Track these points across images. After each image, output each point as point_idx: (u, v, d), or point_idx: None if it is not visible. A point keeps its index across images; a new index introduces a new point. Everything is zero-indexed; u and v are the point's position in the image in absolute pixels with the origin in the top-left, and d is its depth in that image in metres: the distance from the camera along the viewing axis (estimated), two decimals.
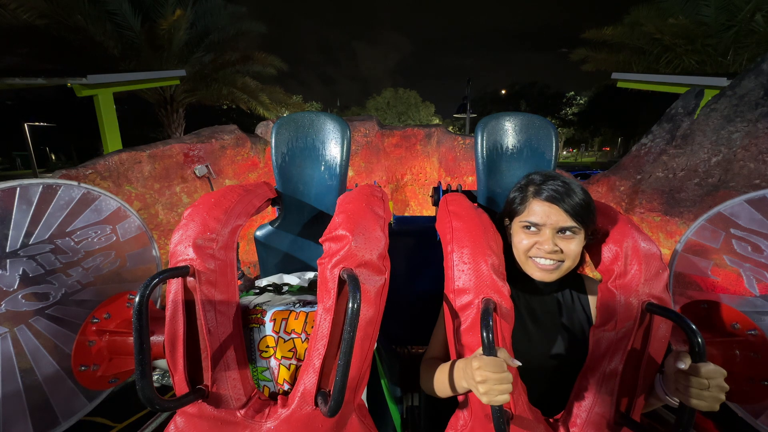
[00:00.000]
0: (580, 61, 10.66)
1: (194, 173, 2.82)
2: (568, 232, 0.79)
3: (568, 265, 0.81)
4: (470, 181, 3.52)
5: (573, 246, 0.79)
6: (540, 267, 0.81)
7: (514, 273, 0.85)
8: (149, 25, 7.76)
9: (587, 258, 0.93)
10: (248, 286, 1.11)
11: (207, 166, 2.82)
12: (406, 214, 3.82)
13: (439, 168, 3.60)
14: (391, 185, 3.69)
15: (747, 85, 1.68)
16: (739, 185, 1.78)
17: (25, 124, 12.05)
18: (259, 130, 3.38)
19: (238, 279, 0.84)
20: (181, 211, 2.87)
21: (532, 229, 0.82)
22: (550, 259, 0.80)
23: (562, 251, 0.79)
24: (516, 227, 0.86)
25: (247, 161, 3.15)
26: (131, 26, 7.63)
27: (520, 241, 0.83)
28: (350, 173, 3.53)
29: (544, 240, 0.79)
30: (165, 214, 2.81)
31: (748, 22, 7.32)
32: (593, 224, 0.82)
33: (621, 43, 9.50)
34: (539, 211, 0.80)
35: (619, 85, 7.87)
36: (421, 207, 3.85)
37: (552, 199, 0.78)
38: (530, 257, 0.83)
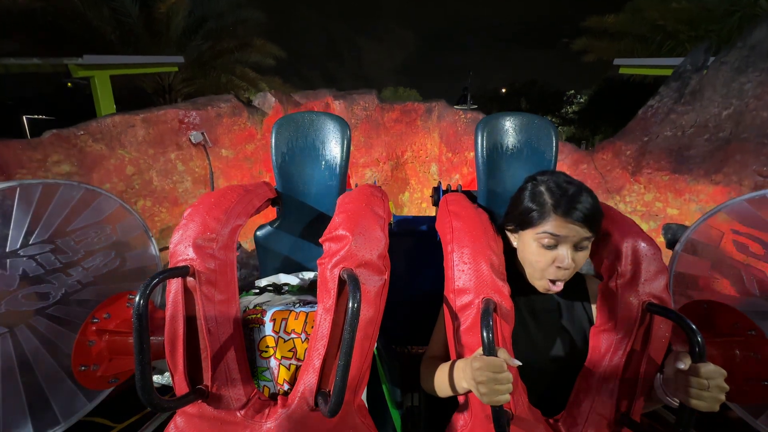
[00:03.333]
0: (581, 51, 10.47)
1: (190, 140, 2.77)
2: (585, 242, 0.76)
3: (574, 272, 0.79)
4: (472, 157, 3.48)
5: (584, 257, 0.78)
6: (553, 290, 0.79)
7: (514, 273, 0.85)
8: (147, 11, 7.67)
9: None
10: (248, 286, 1.11)
11: (203, 134, 2.79)
12: (406, 194, 3.76)
13: (440, 143, 3.53)
14: (391, 162, 3.64)
15: (758, 35, 1.66)
16: (752, 136, 1.76)
17: (24, 117, 12.03)
18: (257, 101, 3.33)
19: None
20: (176, 179, 2.82)
21: (551, 244, 0.76)
22: (564, 278, 0.77)
23: (575, 265, 0.77)
24: (528, 239, 0.80)
25: (244, 131, 3.11)
26: (129, 12, 7.54)
27: (536, 258, 0.79)
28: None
29: (563, 257, 0.75)
30: (159, 181, 2.76)
31: (753, 6, 7.05)
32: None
33: (623, 32, 9.29)
34: (562, 227, 0.74)
35: (622, 71, 7.76)
36: (421, 186, 3.78)
37: (581, 219, 0.73)
38: (545, 278, 0.79)
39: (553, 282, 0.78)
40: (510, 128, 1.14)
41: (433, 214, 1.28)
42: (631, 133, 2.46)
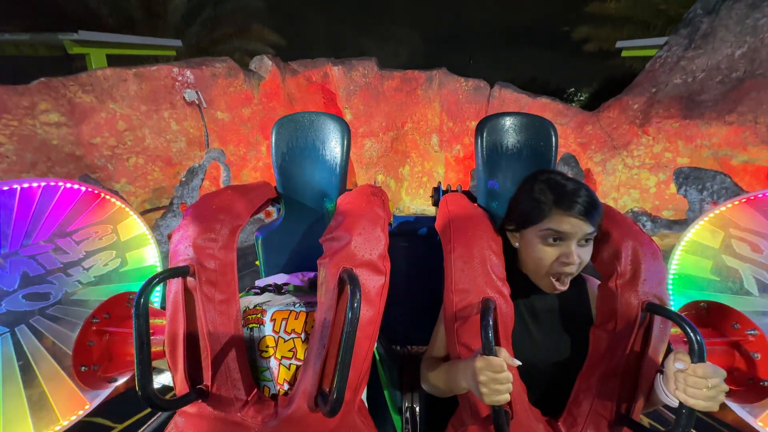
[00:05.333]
0: (583, 41, 10.32)
1: (184, 98, 2.72)
2: (587, 237, 0.75)
3: (578, 271, 0.78)
4: (473, 126, 3.44)
5: (589, 253, 0.77)
6: (558, 288, 0.78)
7: (514, 272, 0.85)
8: None
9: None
10: (248, 286, 1.11)
11: (197, 93, 2.73)
12: (406, 167, 3.70)
13: (440, 113, 3.48)
14: (391, 133, 3.58)
15: None
16: None
17: None
18: (254, 65, 3.27)
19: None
20: (170, 138, 2.77)
21: (556, 240, 0.75)
22: (570, 273, 0.76)
23: (581, 261, 0.76)
24: (531, 236, 0.79)
25: (240, 94, 3.03)
26: None
27: (541, 255, 0.77)
28: (348, 117, 3.41)
29: (569, 252, 0.74)
30: (153, 139, 2.70)
31: None
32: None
33: (625, 17, 9.11)
34: (564, 222, 0.73)
35: (624, 54, 7.67)
36: (422, 159, 3.71)
37: (583, 213, 0.72)
38: (550, 274, 0.77)
39: (559, 279, 0.77)
40: (510, 128, 1.14)
41: (433, 212, 1.28)
42: (638, 87, 2.42)
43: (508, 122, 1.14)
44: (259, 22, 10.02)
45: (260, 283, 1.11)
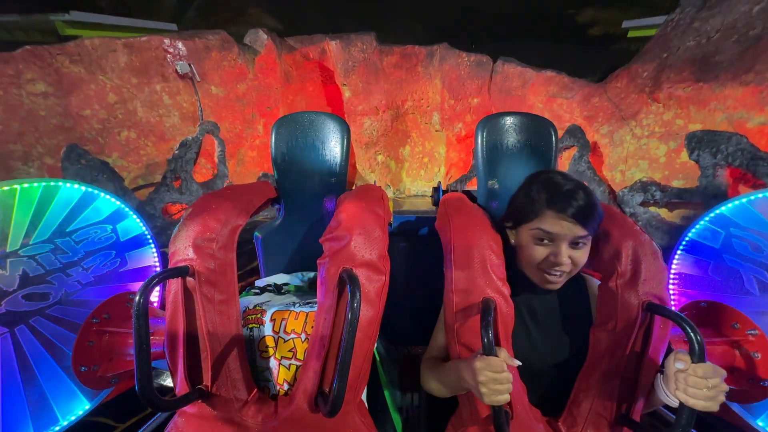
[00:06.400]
0: (588, 25, 10.10)
1: (176, 71, 2.63)
2: (580, 242, 0.75)
3: (575, 271, 0.79)
4: (476, 103, 3.32)
5: (583, 255, 0.77)
6: (550, 281, 0.78)
7: (514, 272, 0.85)
8: None
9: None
10: (248, 286, 1.11)
11: (190, 65, 2.64)
12: (407, 148, 3.58)
13: (441, 89, 3.35)
14: (391, 111, 3.42)
15: None
16: None
17: None
18: (248, 38, 3.09)
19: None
20: (163, 112, 2.68)
21: (545, 240, 0.76)
22: (561, 272, 0.77)
23: (572, 262, 0.76)
24: (525, 235, 0.80)
25: (234, 69, 2.91)
26: None
27: (531, 252, 0.78)
28: (347, 94, 3.30)
29: (558, 253, 0.74)
30: (144, 113, 2.61)
31: None
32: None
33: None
34: (555, 224, 0.74)
35: (630, 34, 7.49)
36: (423, 138, 3.57)
37: (575, 216, 0.72)
38: (541, 269, 0.79)
39: (550, 275, 0.77)
40: (510, 128, 1.14)
41: (432, 209, 1.28)
42: (648, 53, 2.28)
43: (508, 122, 1.14)
44: (257, 6, 9.85)
45: (260, 283, 1.11)
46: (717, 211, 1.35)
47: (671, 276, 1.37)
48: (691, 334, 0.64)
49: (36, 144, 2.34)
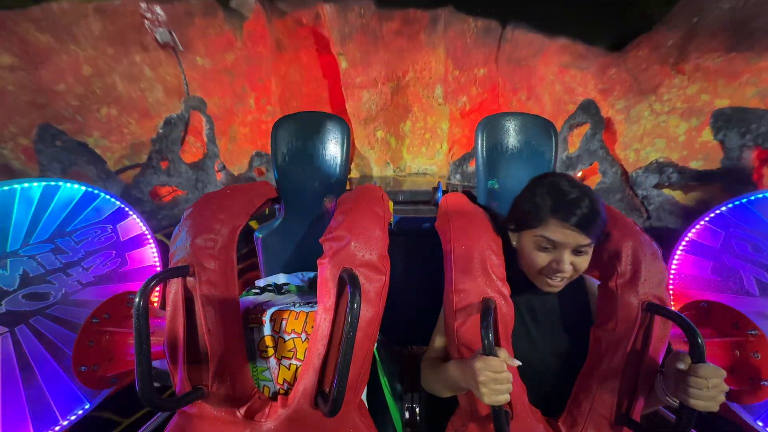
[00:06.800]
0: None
1: (156, 39, 2.37)
2: (583, 250, 0.75)
3: (576, 276, 0.79)
4: (482, 74, 3.06)
5: (585, 261, 0.77)
6: (551, 284, 0.78)
7: (514, 272, 0.85)
8: None
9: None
10: (248, 286, 1.11)
11: (171, 33, 2.39)
12: (408, 123, 3.33)
13: (445, 59, 3.04)
14: (391, 84, 3.12)
15: None
16: None
17: None
18: (234, 2, 2.79)
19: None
20: (145, 86, 2.39)
21: (548, 247, 0.76)
22: (562, 277, 0.77)
23: (574, 269, 0.76)
24: (528, 241, 0.79)
25: (221, 37, 2.65)
26: None
27: (534, 258, 0.78)
28: (343, 65, 3.04)
29: (561, 260, 0.74)
30: (125, 87, 2.33)
31: None
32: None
33: None
34: (558, 232, 0.73)
35: None
36: (425, 113, 3.27)
37: (578, 225, 0.72)
38: (542, 274, 0.79)
39: (551, 279, 0.78)
40: (510, 128, 1.14)
41: (432, 208, 1.28)
42: (674, 19, 2.03)
43: (508, 122, 1.14)
44: None
45: (260, 283, 1.11)
46: (717, 211, 1.35)
47: (671, 276, 1.37)
48: (692, 334, 0.64)
49: (8, 123, 2.03)
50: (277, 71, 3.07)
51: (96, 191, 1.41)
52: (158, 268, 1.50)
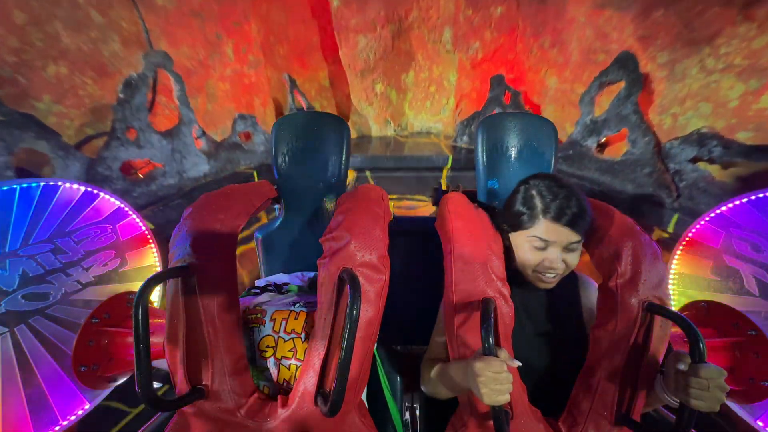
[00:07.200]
0: None
1: None
2: (574, 245, 0.79)
3: (568, 272, 0.83)
4: (498, 14, 2.56)
5: (575, 257, 0.81)
6: (545, 281, 0.82)
7: (509, 271, 0.86)
8: None
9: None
10: (248, 286, 1.11)
11: None
12: (410, 74, 2.85)
13: None
14: (392, 26, 2.67)
15: None
16: None
17: None
18: None
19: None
20: (96, 36, 1.94)
21: (541, 246, 0.80)
22: (555, 274, 0.81)
23: (567, 265, 0.80)
24: (521, 240, 0.84)
25: None
26: None
27: (527, 257, 0.82)
28: (335, 2, 2.61)
29: (553, 258, 0.79)
30: (72, 38, 1.85)
31: None
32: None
33: None
34: (551, 231, 0.78)
35: None
36: (430, 62, 2.85)
37: (569, 224, 0.77)
38: (536, 272, 0.82)
39: (544, 276, 0.81)
40: (510, 128, 1.14)
41: (433, 212, 1.28)
42: None
43: (508, 122, 1.14)
44: None
45: (260, 283, 1.11)
46: (717, 211, 1.35)
47: (671, 276, 1.37)
48: (692, 334, 0.64)
49: None
50: (256, 12, 2.57)
51: (96, 191, 1.41)
52: (158, 268, 1.50)
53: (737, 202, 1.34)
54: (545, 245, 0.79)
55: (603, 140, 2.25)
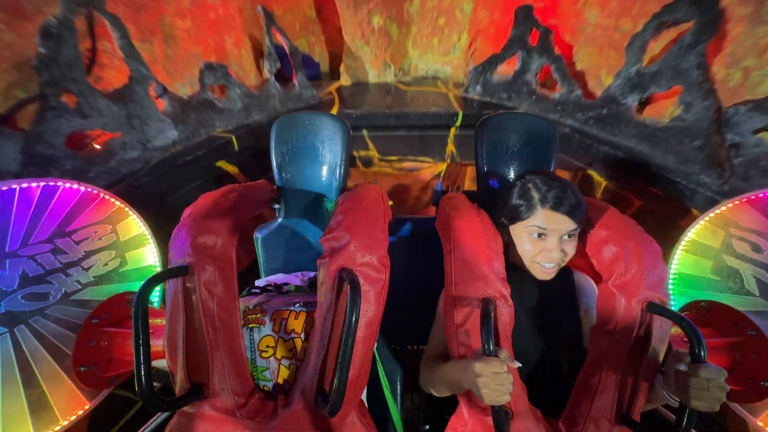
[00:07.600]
0: None
1: None
2: (571, 232, 0.82)
3: (566, 261, 0.85)
4: None
5: (573, 246, 0.84)
6: (545, 271, 0.84)
7: (508, 269, 0.86)
8: None
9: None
10: (248, 286, 1.11)
11: None
12: (414, 3, 2.23)
13: None
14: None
15: None
16: None
17: None
18: None
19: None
20: None
21: (540, 236, 0.83)
22: (554, 263, 0.83)
23: (565, 254, 0.83)
24: (520, 231, 0.86)
25: None
26: None
27: (526, 247, 0.85)
28: None
29: (551, 247, 0.82)
30: None
31: None
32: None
33: None
34: (549, 219, 0.81)
35: None
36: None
37: (566, 212, 0.80)
38: (536, 262, 0.85)
39: (544, 266, 0.84)
40: (510, 128, 1.14)
41: (433, 213, 1.28)
42: None
43: (509, 122, 1.14)
44: None
45: (260, 283, 1.11)
46: (717, 211, 1.35)
47: (671, 276, 1.37)
48: (692, 334, 0.64)
49: None
50: None
51: (95, 191, 1.41)
52: (158, 268, 1.50)
53: (737, 202, 1.34)
54: (544, 233, 0.82)
55: (643, 99, 1.75)
